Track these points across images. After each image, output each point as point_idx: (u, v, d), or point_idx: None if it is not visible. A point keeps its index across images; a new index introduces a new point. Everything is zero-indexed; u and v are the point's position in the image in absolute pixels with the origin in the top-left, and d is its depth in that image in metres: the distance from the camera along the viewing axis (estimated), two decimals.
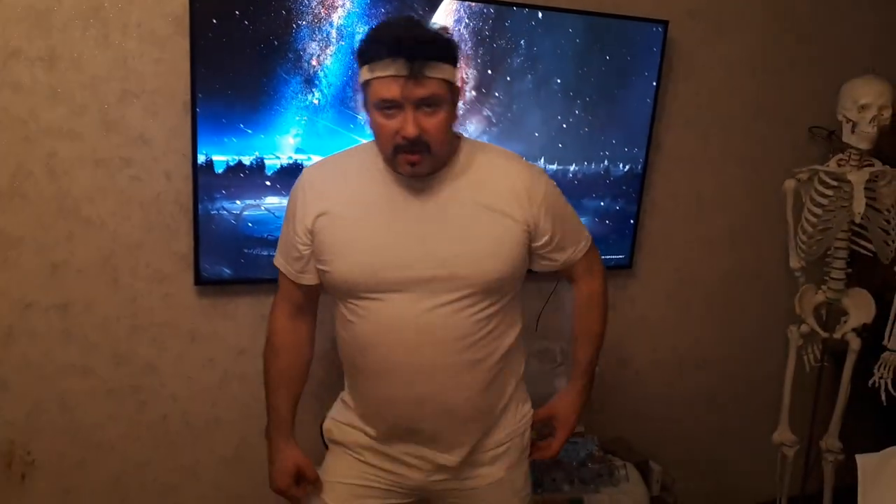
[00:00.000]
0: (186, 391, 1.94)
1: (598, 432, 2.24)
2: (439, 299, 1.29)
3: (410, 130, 1.21)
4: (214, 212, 1.81)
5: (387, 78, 1.20)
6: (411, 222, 1.31)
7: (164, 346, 1.89)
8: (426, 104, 1.22)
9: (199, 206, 1.79)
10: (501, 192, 1.34)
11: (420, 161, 1.26)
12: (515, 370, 1.47)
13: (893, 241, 2.06)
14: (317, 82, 1.81)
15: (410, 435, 1.40)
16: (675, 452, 2.49)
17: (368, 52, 1.22)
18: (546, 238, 1.39)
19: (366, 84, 1.24)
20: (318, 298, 1.51)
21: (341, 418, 1.49)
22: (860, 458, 1.55)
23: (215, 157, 1.77)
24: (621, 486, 2.06)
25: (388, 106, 1.22)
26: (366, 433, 1.45)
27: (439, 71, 1.22)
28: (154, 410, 1.92)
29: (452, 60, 1.26)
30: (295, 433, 1.51)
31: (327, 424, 1.52)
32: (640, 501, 2.06)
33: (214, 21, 1.69)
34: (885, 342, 2.13)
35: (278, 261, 1.46)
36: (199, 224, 1.80)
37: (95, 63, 1.69)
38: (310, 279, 1.42)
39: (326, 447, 1.54)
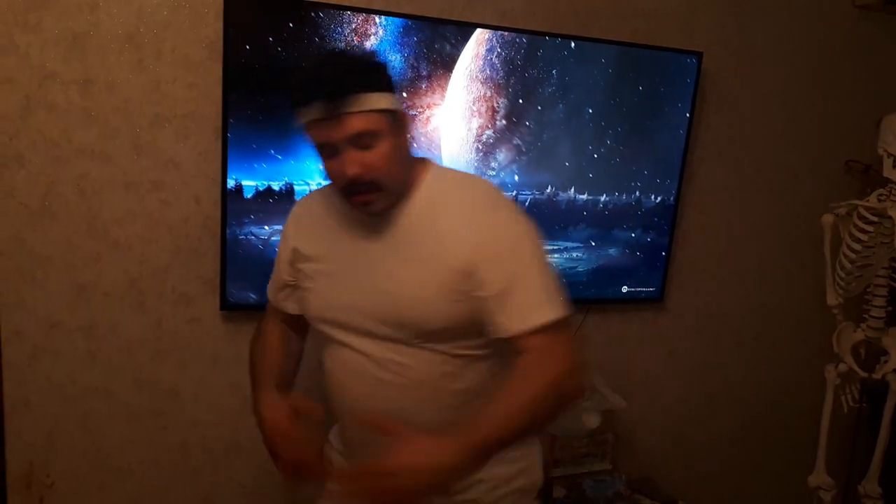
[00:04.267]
0: (208, 416, 1.91)
1: (625, 470, 2.18)
2: (390, 345, 1.23)
3: (349, 171, 1.15)
4: (242, 237, 1.80)
5: (313, 122, 1.15)
6: (361, 262, 1.25)
7: (188, 370, 1.87)
8: (361, 141, 1.14)
9: (227, 231, 1.78)
10: (442, 233, 1.20)
11: (372, 200, 1.19)
12: None
13: None
14: None
15: None
16: (705, 494, 2.41)
17: (294, 98, 1.17)
18: (485, 289, 1.17)
19: (303, 129, 1.19)
20: (307, 331, 1.45)
21: (335, 442, 1.46)
22: None
23: (245, 182, 1.77)
24: None
25: (325, 149, 1.17)
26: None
27: (365, 103, 1.13)
28: (175, 435, 1.90)
29: (383, 87, 1.16)
30: None
31: (325, 449, 1.46)
32: None
33: (248, 47, 1.70)
34: None
35: (269, 287, 1.46)
36: (227, 248, 1.79)
37: (129, 87, 1.70)
38: (294, 308, 1.40)
39: None
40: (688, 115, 2.14)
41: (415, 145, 1.70)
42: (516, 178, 2.00)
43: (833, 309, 2.11)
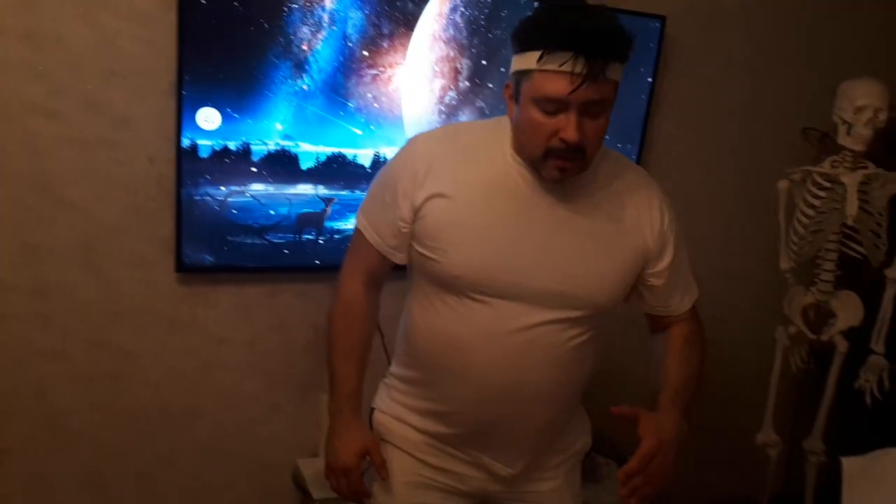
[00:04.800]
0: (166, 380, 1.90)
1: None
2: (547, 316, 1.20)
3: (574, 136, 1.08)
4: (198, 197, 1.77)
5: (559, 73, 1.05)
6: (537, 227, 1.19)
7: (144, 333, 1.85)
8: (594, 108, 1.09)
9: (183, 191, 1.75)
10: (638, 211, 1.24)
11: (572, 168, 1.14)
12: (586, 384, 1.39)
13: (883, 245, 2.05)
14: (307, 68, 1.77)
15: (477, 439, 1.31)
16: None
17: (539, 39, 1.07)
18: (660, 268, 1.28)
19: (525, 73, 1.10)
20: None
21: (389, 410, 1.38)
22: (845, 462, 1.54)
23: (200, 142, 1.73)
24: (604, 483, 2.06)
25: (552, 104, 1.09)
26: (418, 429, 1.34)
27: (616, 72, 1.09)
28: (132, 399, 1.88)
29: (627, 59, 1.12)
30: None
31: (377, 417, 1.40)
32: None
33: (203, 1, 1.65)
34: (871, 345, 2.12)
35: (364, 226, 1.30)
36: (182, 209, 1.76)
37: (79, 41, 1.64)
38: (402, 258, 1.29)
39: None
40: (650, 79, 2.14)
41: None
42: None
43: (785, 273, 2.16)
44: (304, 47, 1.75)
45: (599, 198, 1.22)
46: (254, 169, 1.79)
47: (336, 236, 1.90)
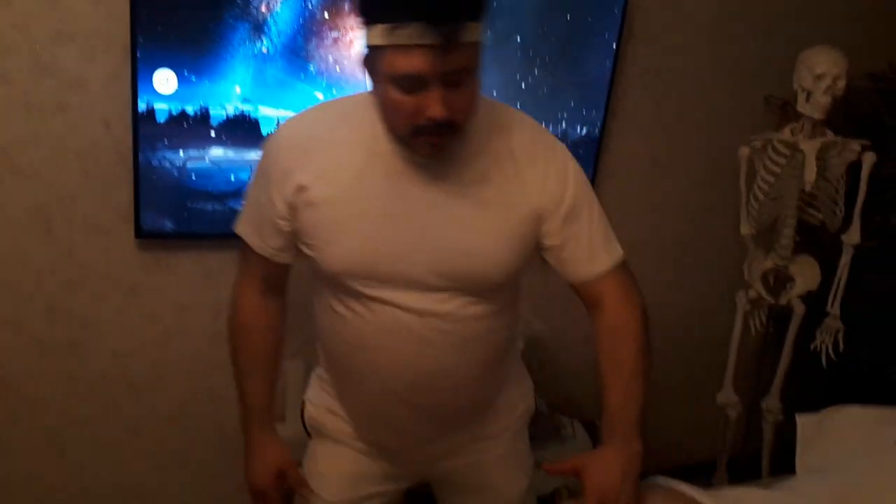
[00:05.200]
0: (127, 347, 1.88)
1: (546, 392, 2.26)
2: (442, 299, 1.13)
3: (440, 112, 0.99)
4: (156, 163, 1.73)
5: (410, 47, 0.95)
6: (415, 208, 1.10)
7: (104, 300, 1.82)
8: (457, 76, 0.99)
9: (140, 157, 1.71)
10: (521, 177, 1.13)
11: (444, 142, 1.05)
12: (514, 354, 1.37)
13: (841, 211, 2.09)
14: (266, 29, 1.73)
15: (400, 434, 1.28)
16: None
17: (382, 10, 0.96)
18: (554, 226, 1.17)
19: (376, 48, 1.00)
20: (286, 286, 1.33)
21: (321, 402, 1.34)
22: (800, 418, 1.59)
23: (157, 106, 1.69)
24: (568, 444, 2.09)
25: (410, 81, 0.98)
26: (347, 420, 1.31)
27: (474, 32, 0.98)
28: (93, 367, 1.86)
29: (484, 14, 1.01)
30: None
31: (308, 410, 1.37)
32: None
33: None
34: (828, 308, 2.18)
35: (244, 232, 1.24)
36: (140, 175, 1.72)
37: (26, 0, 1.58)
38: (287, 258, 1.22)
39: (309, 434, 1.40)
40: (614, 45, 2.13)
41: None
42: None
43: (746, 238, 2.19)
44: (263, 9, 1.71)
45: (481, 164, 1.12)
46: (213, 134, 1.75)
47: None
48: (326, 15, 1.77)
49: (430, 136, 1.03)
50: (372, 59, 1.02)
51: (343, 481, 1.31)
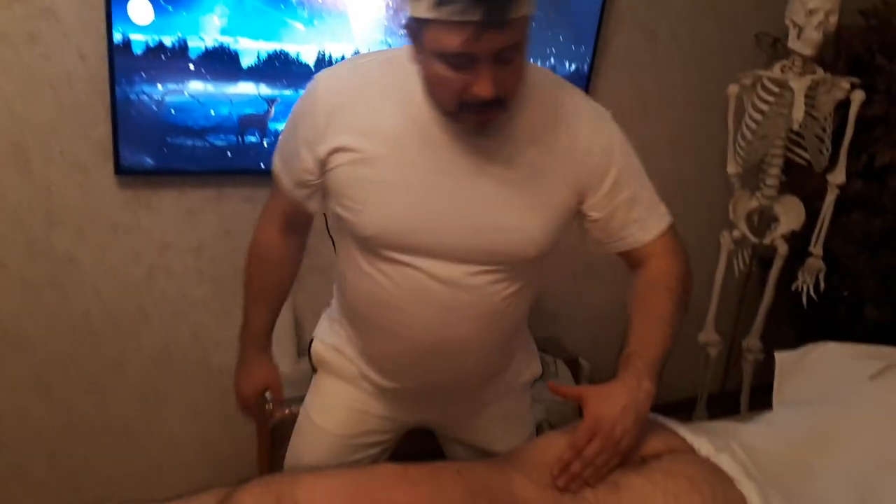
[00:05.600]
0: (110, 286, 1.86)
1: (531, 330, 2.28)
2: (471, 271, 1.10)
3: (489, 90, 0.94)
4: (134, 97, 1.69)
5: (458, 24, 0.89)
6: (455, 178, 1.06)
7: (85, 238, 1.80)
8: (506, 53, 0.94)
9: (117, 90, 1.66)
10: (565, 150, 1.09)
11: (491, 118, 1.02)
12: (525, 322, 1.35)
13: (827, 150, 2.08)
14: None
15: (408, 392, 1.28)
16: (604, 352, 2.55)
17: None
18: (597, 199, 1.14)
19: (421, 21, 0.94)
20: (310, 227, 1.33)
21: (331, 341, 1.33)
22: (779, 355, 1.62)
23: (133, 37, 1.63)
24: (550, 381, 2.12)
25: (458, 59, 0.93)
26: (353, 362, 1.30)
27: (524, 6, 0.93)
28: (76, 305, 1.85)
29: None
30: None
31: (316, 346, 1.36)
32: None
33: None
34: (810, 248, 2.19)
35: (278, 171, 1.21)
36: (118, 109, 1.68)
37: None
38: (314, 208, 1.21)
39: (314, 369, 1.39)
40: None
41: None
42: None
43: (732, 177, 2.19)
44: None
45: (525, 136, 1.08)
46: (191, 66, 1.70)
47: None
48: None
49: (477, 112, 0.99)
50: (416, 30, 0.97)
51: (345, 414, 1.32)
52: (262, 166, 1.85)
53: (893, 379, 1.46)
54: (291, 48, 1.77)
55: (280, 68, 1.78)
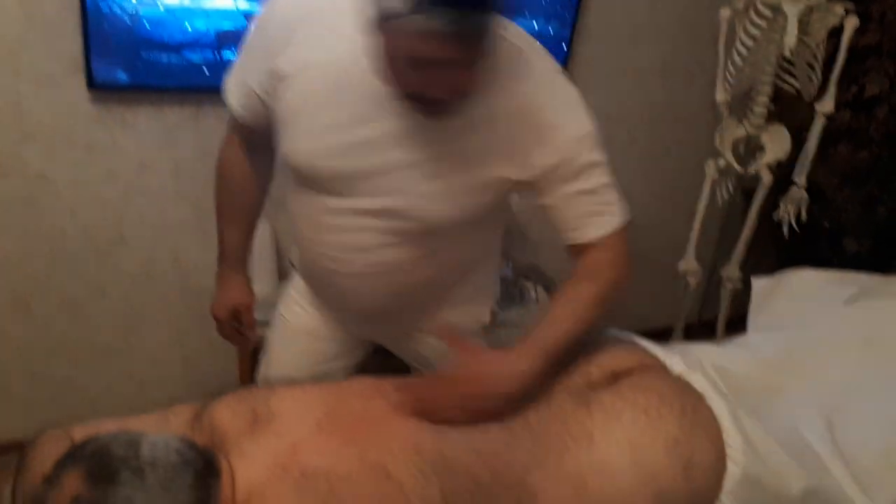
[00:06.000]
0: (86, 206, 1.84)
1: (513, 258, 2.28)
2: (369, 222, 1.12)
3: (442, 94, 0.95)
4: (106, 9, 1.62)
5: (424, 31, 0.86)
6: (379, 134, 1.05)
7: (58, 156, 1.76)
8: (467, 61, 0.93)
9: (88, 2, 1.60)
10: (504, 142, 1.06)
11: (439, 112, 1.00)
12: (472, 278, 1.32)
13: (817, 78, 2.05)
14: None
15: (345, 308, 1.31)
16: None
17: None
18: (549, 201, 1.12)
19: (389, 15, 0.90)
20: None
21: (295, 261, 1.40)
22: (755, 281, 1.63)
23: None
24: (530, 307, 2.14)
25: (417, 62, 0.91)
26: (306, 296, 1.36)
27: (494, 23, 0.92)
28: (52, 225, 1.82)
29: (501, 6, 0.94)
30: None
31: (292, 253, 1.42)
32: None
33: None
34: (794, 178, 2.19)
35: (229, 88, 1.20)
36: (89, 22, 1.62)
37: None
38: (247, 120, 1.20)
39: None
40: None
41: None
42: None
43: (720, 105, 2.16)
44: None
45: (465, 122, 1.03)
46: None
47: None
48: None
49: (425, 104, 0.98)
50: (382, 20, 0.91)
51: (300, 333, 1.37)
52: None
53: (867, 304, 1.47)
54: None
55: None
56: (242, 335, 1.44)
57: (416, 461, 0.90)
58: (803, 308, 1.53)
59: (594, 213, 1.13)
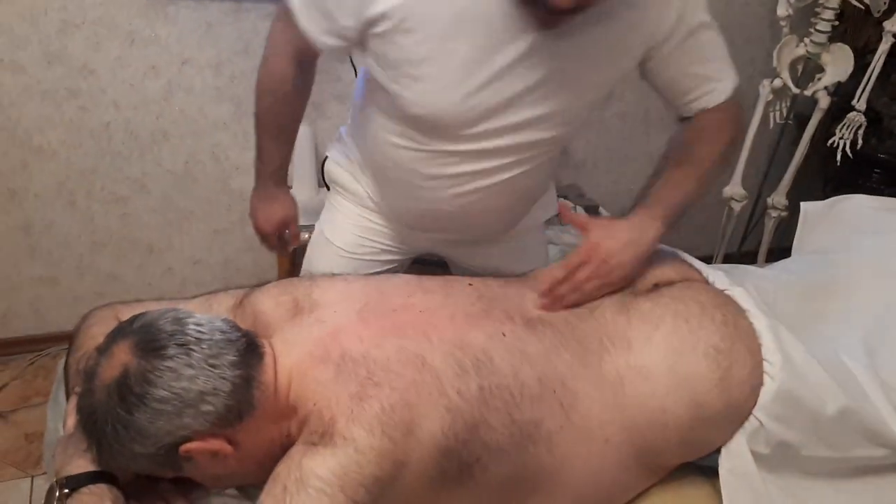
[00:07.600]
0: (129, 100, 1.84)
1: (554, 177, 2.25)
2: (508, 161, 1.11)
3: (567, 3, 0.89)
4: None
5: None
6: (508, 69, 1.00)
7: (101, 47, 1.75)
8: None
9: None
10: (634, 21, 1.02)
11: (564, 21, 0.95)
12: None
13: None
14: None
15: (419, 226, 1.29)
16: (624, 202, 2.53)
17: None
18: (663, 69, 1.10)
19: None
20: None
21: (343, 163, 1.32)
22: (804, 205, 1.58)
23: None
24: (569, 227, 2.11)
25: None
26: (368, 191, 1.29)
27: None
28: (96, 118, 1.83)
29: None
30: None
31: (328, 166, 1.35)
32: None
33: None
34: (853, 102, 2.09)
35: (300, 10, 1.07)
36: None
37: None
38: (336, 53, 1.10)
39: (328, 187, 1.39)
40: None
41: None
42: None
43: (781, 20, 2.05)
44: None
45: (591, 18, 0.98)
46: None
47: None
48: None
49: (547, 11, 0.92)
50: None
51: (355, 232, 1.32)
52: None
53: None
54: None
55: None
56: (287, 246, 1.41)
57: (456, 355, 0.91)
58: (851, 234, 1.48)
59: (711, 77, 1.12)
